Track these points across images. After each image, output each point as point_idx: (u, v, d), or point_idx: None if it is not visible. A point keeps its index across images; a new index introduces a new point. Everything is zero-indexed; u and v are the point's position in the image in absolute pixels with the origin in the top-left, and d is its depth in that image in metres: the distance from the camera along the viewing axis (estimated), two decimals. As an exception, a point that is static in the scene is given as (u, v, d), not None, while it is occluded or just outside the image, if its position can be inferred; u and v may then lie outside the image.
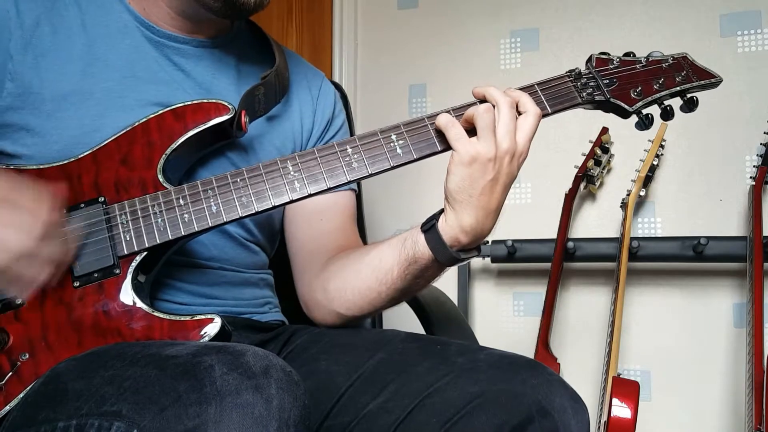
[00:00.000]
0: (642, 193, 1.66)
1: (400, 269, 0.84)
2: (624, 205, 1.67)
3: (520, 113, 0.79)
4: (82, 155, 0.79)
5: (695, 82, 0.85)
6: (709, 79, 0.85)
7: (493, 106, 0.78)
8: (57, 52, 0.81)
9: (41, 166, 0.78)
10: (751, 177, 1.65)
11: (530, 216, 1.86)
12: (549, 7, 1.90)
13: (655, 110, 0.86)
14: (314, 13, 2.00)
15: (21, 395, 0.68)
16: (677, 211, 1.76)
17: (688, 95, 0.86)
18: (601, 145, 1.72)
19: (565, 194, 1.72)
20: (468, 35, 1.97)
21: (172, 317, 0.72)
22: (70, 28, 0.83)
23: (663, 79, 0.85)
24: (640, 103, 0.84)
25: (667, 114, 0.84)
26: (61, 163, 0.78)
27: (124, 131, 0.80)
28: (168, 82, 0.86)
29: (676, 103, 0.86)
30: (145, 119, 0.80)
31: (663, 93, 0.85)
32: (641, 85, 0.84)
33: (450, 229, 0.80)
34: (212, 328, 0.71)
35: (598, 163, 1.73)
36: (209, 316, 0.72)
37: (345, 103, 1.16)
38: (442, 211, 0.82)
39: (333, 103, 1.04)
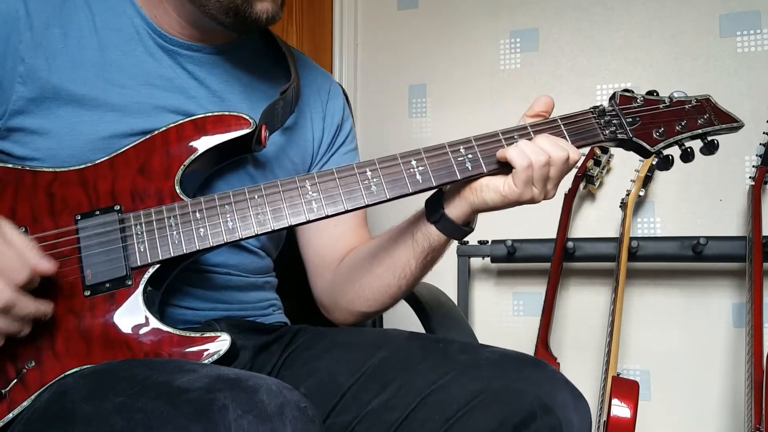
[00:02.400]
0: (641, 193, 1.66)
1: (418, 261, 0.88)
2: (623, 205, 1.67)
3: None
4: (99, 161, 0.77)
5: (717, 125, 0.84)
6: (730, 123, 0.85)
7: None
8: (69, 56, 0.80)
9: (57, 170, 0.76)
10: (750, 177, 1.65)
11: (530, 216, 1.86)
12: (549, 7, 1.90)
13: (674, 151, 0.85)
14: (314, 13, 2.00)
15: (26, 403, 0.67)
16: (677, 211, 1.76)
17: (709, 138, 0.85)
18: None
19: (565, 194, 1.72)
20: (468, 35, 1.97)
21: (182, 333, 0.71)
22: (81, 30, 0.82)
23: (686, 120, 0.84)
24: (661, 144, 0.83)
25: (688, 156, 0.83)
26: (77, 168, 0.76)
27: (143, 139, 0.79)
28: (183, 90, 0.85)
29: (696, 144, 0.85)
30: (164, 128, 0.79)
31: (685, 135, 0.84)
32: (664, 126, 0.83)
33: (463, 215, 0.83)
34: (221, 346, 0.71)
35: (597, 163, 1.73)
36: (218, 333, 0.71)
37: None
38: (439, 194, 0.84)
39: (342, 108, 1.04)
